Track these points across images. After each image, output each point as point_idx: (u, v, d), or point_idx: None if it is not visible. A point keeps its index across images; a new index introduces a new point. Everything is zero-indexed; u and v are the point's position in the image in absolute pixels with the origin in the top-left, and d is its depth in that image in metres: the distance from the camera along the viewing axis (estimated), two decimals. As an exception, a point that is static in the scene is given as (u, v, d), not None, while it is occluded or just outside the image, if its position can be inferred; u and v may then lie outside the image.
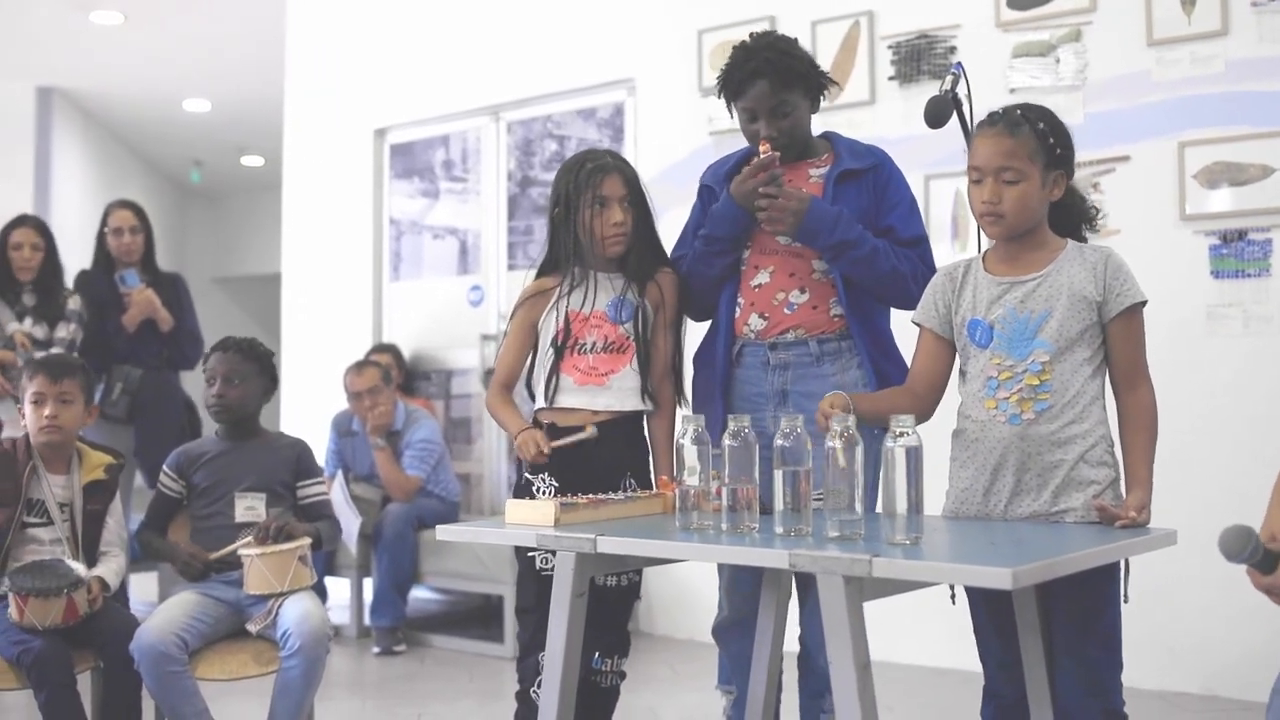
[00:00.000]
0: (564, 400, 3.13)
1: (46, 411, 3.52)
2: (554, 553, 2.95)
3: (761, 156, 3.00)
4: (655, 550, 2.44)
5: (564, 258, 3.17)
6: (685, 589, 5.54)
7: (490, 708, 4.66)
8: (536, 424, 3.15)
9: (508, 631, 5.42)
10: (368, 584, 5.92)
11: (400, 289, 6.89)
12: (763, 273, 3.11)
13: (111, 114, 11.40)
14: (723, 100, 3.22)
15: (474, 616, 6.31)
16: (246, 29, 8.68)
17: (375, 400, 5.80)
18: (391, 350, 6.43)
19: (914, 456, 2.27)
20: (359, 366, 5.92)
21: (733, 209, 3.06)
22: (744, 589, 3.11)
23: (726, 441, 2.47)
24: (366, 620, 5.78)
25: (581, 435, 3.06)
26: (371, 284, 6.95)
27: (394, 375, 6.10)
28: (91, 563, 3.53)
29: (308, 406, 6.61)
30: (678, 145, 5.67)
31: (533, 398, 3.22)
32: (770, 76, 3.03)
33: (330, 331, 6.95)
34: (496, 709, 4.66)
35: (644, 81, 6.01)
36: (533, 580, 3.07)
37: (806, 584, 3.06)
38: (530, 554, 3.06)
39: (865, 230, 3.00)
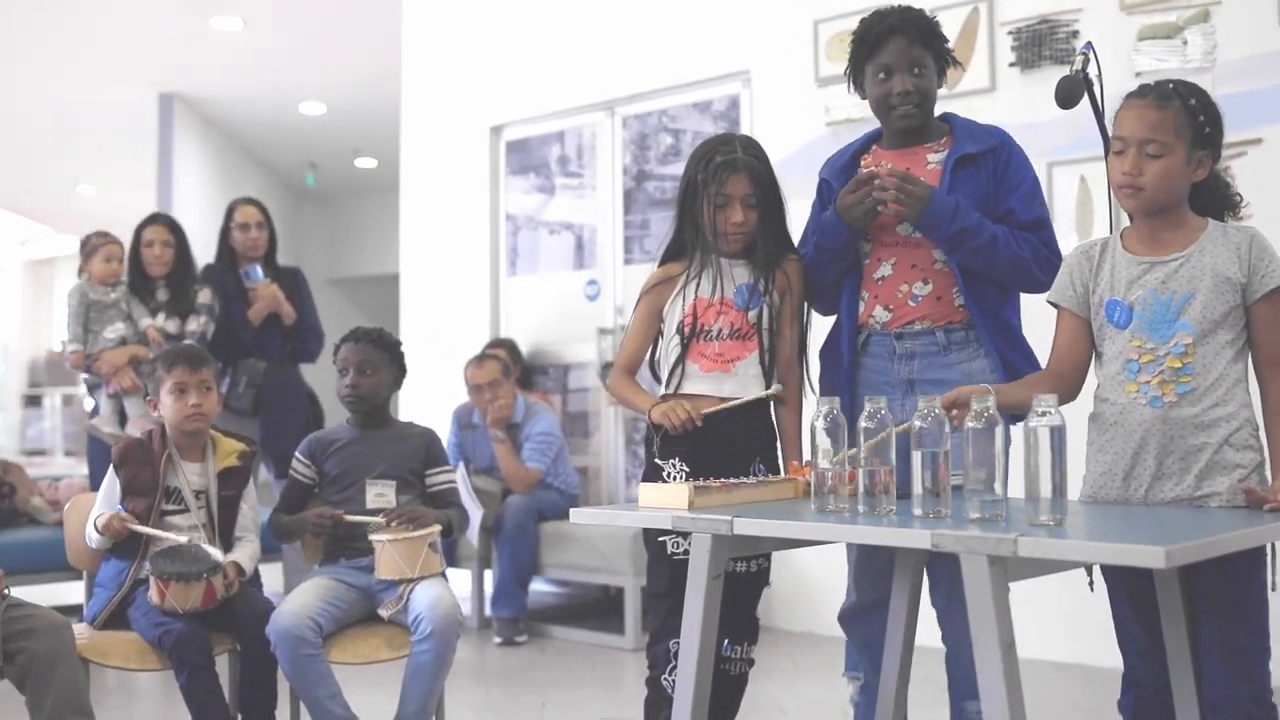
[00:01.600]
0: (690, 387, 3.13)
1: (191, 400, 3.60)
2: (685, 536, 3.00)
3: (862, 172, 3.00)
4: (792, 531, 2.43)
5: (690, 244, 3.17)
6: (805, 581, 5.52)
7: (613, 696, 4.69)
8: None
9: (628, 623, 5.44)
10: (488, 576, 5.98)
11: (517, 284, 6.95)
12: (885, 265, 3.09)
13: (230, 119, 11.64)
14: (849, 75, 3.19)
15: (592, 609, 6.34)
16: (363, 31, 8.81)
17: (495, 393, 5.86)
18: (508, 345, 6.48)
19: (1057, 436, 2.25)
20: (479, 360, 5.98)
21: (836, 221, 3.07)
22: (872, 575, 3.08)
23: (862, 424, 2.46)
24: (488, 611, 5.83)
25: (769, 393, 3.04)
26: (489, 280, 7.01)
27: (512, 369, 6.15)
28: (227, 548, 3.61)
29: (427, 403, 6.69)
30: (794, 137, 5.65)
31: (657, 380, 3.23)
32: (909, 33, 3.03)
33: (448, 328, 7.02)
34: (619, 698, 4.68)
35: (759, 73, 5.99)
36: (664, 565, 3.08)
37: (941, 573, 3.02)
38: (661, 539, 3.07)
39: (983, 218, 2.97)
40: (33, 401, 18.57)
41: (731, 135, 3.26)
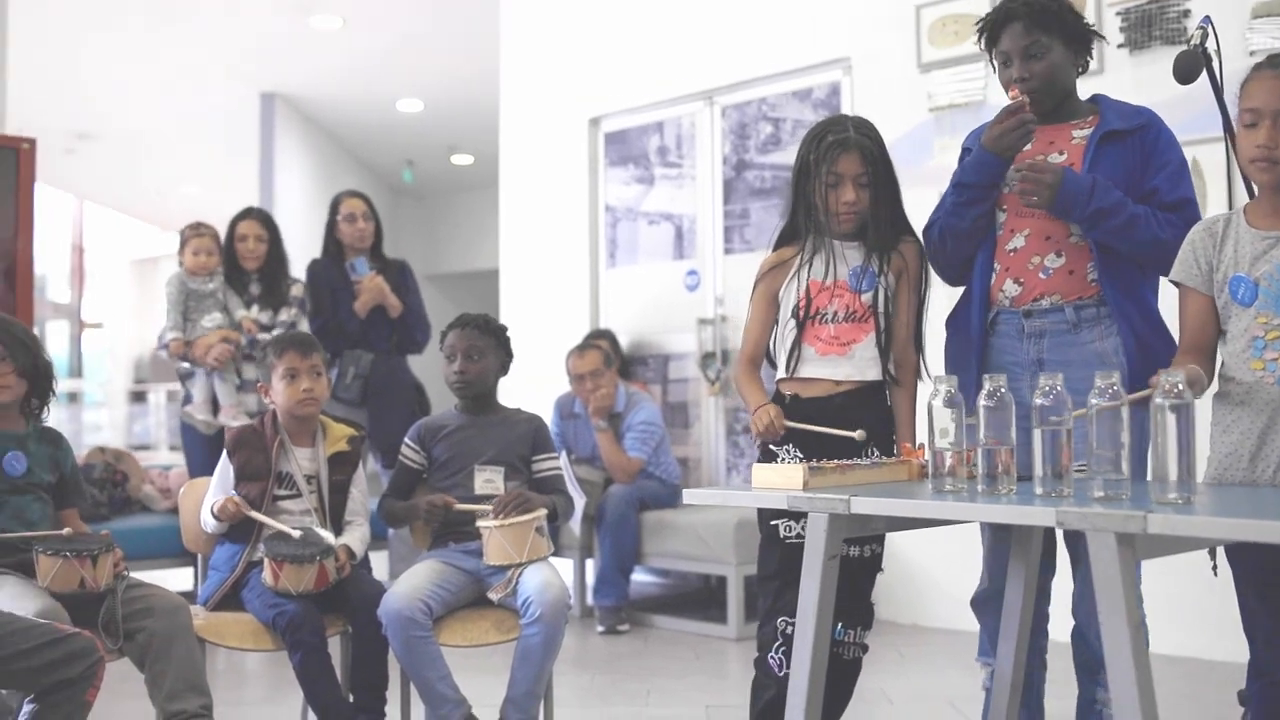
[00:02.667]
0: (806, 370, 3.10)
1: (304, 385, 3.65)
2: (798, 520, 2.98)
3: (1010, 102, 2.94)
4: (910, 510, 2.40)
5: (803, 226, 3.15)
6: (910, 573, 5.47)
7: (717, 685, 4.67)
8: (778, 396, 3.13)
9: (731, 612, 5.43)
10: (589, 565, 5.99)
11: (617, 275, 6.95)
12: (1018, 236, 3.03)
13: (329, 117, 11.80)
14: (987, 55, 3.14)
15: (693, 599, 6.33)
16: (460, 27, 8.88)
17: (597, 383, 5.87)
18: (607, 336, 6.49)
19: (1185, 415, 2.19)
20: (581, 349, 6.00)
21: (983, 154, 2.99)
22: (1003, 559, 3.02)
23: (982, 402, 2.41)
24: (590, 600, 5.85)
25: (853, 435, 2.98)
26: (588, 271, 7.02)
27: (614, 359, 6.16)
28: (337, 532, 3.65)
29: (527, 395, 6.71)
30: (896, 124, 5.58)
31: (774, 366, 3.21)
32: (1024, 18, 2.98)
33: (548, 320, 7.04)
34: (723, 686, 4.67)
35: (860, 60, 5.94)
36: (775, 547, 3.06)
37: (1078, 558, 2.97)
38: (774, 522, 3.05)
39: (1124, 197, 2.89)
40: (138, 397, 18.96)
41: (844, 116, 3.22)
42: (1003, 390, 2.42)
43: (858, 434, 2.91)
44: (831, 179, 3.04)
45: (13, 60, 6.28)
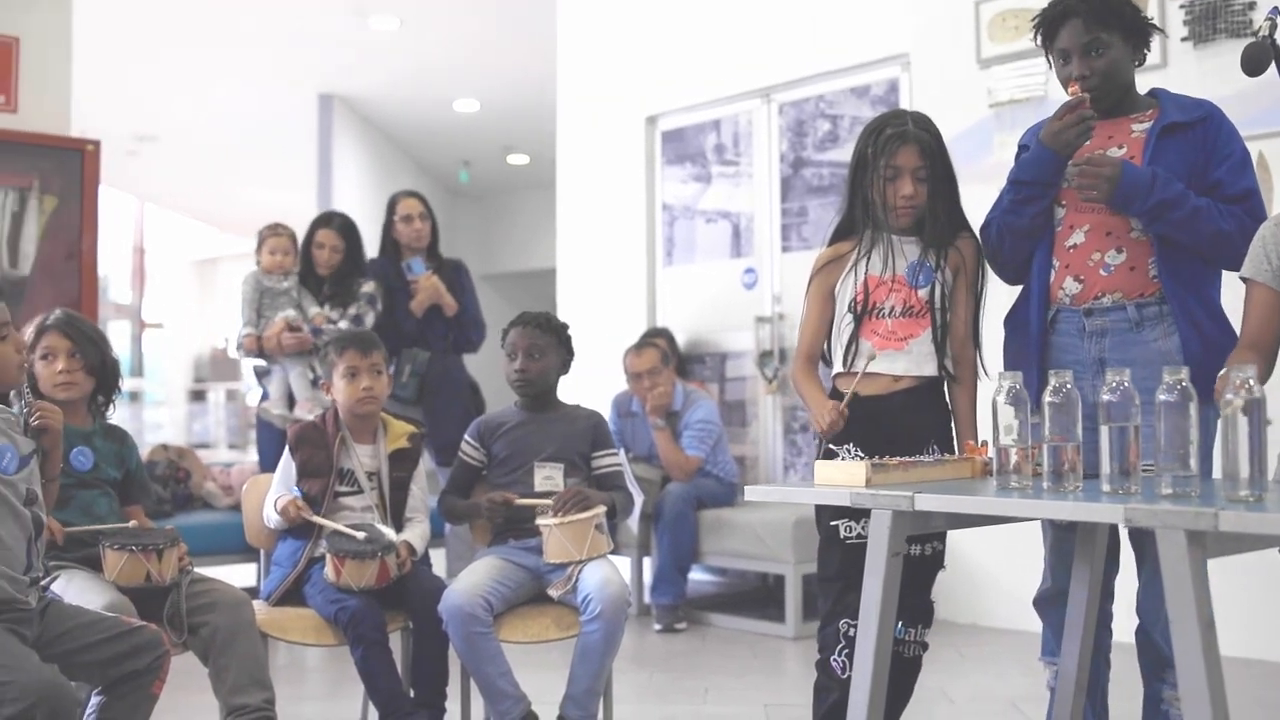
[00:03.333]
0: (863, 365, 3.08)
1: (363, 384, 3.68)
2: (859, 520, 2.96)
3: (1069, 99, 2.90)
4: (974, 507, 2.37)
5: (860, 220, 3.12)
6: (969, 573, 5.43)
7: (775, 684, 4.66)
8: (835, 393, 3.11)
9: (789, 611, 5.41)
10: (647, 563, 5.99)
11: (674, 274, 6.95)
12: (1078, 232, 2.99)
13: (386, 117, 11.86)
14: (1044, 50, 3.10)
15: (751, 597, 6.32)
16: (517, 27, 8.90)
17: (654, 381, 5.88)
18: (665, 334, 6.49)
19: (1256, 410, 2.15)
20: (638, 348, 6.01)
21: (1042, 151, 2.95)
22: (1067, 559, 2.98)
23: (1047, 398, 2.39)
24: (647, 598, 5.85)
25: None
26: (645, 270, 7.03)
27: (671, 357, 6.15)
28: (398, 529, 3.68)
29: (584, 394, 6.71)
30: (956, 120, 5.52)
31: (828, 364, 3.18)
32: (1084, 14, 2.93)
33: (605, 319, 7.05)
34: (781, 685, 4.66)
35: (919, 56, 5.90)
36: (836, 548, 3.04)
37: (1143, 557, 2.93)
38: (834, 522, 3.03)
39: (1186, 189, 2.85)
40: (198, 396, 19.17)
41: (903, 110, 3.20)
42: (1068, 386, 2.39)
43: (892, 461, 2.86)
44: (889, 172, 3.02)
45: (77, 64, 6.36)
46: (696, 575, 6.48)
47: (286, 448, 3.75)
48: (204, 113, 11.60)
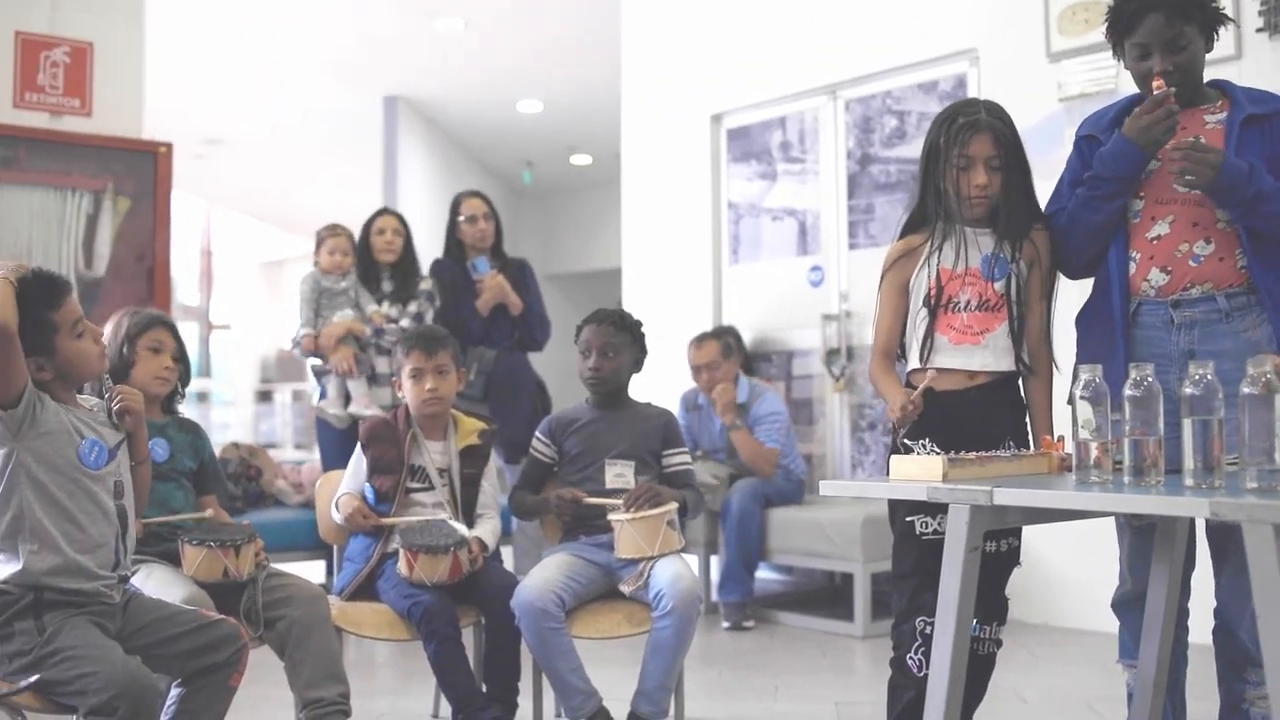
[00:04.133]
0: (939, 360, 3.04)
1: (428, 385, 3.70)
2: (935, 516, 2.94)
3: (1155, 93, 2.85)
4: (1057, 501, 2.34)
5: (933, 212, 3.09)
6: (1041, 573, 5.37)
7: (845, 682, 4.63)
8: (911, 388, 3.08)
9: (857, 610, 5.37)
10: (714, 562, 5.98)
11: (739, 272, 6.93)
12: (1161, 224, 2.93)
13: (450, 119, 11.91)
14: (1110, 43, 3.05)
15: (818, 596, 6.29)
16: (581, 28, 8.92)
17: (714, 375, 5.89)
18: (730, 332, 6.47)
19: (1346, 402, 2.11)
20: (699, 340, 6.02)
21: (1125, 146, 2.90)
22: (1146, 559, 2.93)
23: (1128, 391, 2.36)
24: (714, 596, 5.83)
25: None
26: (711, 268, 7.01)
27: (734, 349, 6.14)
28: (469, 525, 3.70)
29: (649, 392, 6.71)
30: (1025, 115, 5.38)
31: (903, 358, 3.16)
32: (1164, 8, 2.87)
33: (671, 318, 7.03)
34: (851, 683, 4.63)
35: (988, 50, 5.85)
36: (911, 545, 3.01)
37: (1224, 555, 2.89)
38: (909, 518, 3.00)
39: (1276, 182, 2.81)
40: (264, 397, 19.34)
41: (975, 99, 3.16)
42: (1149, 379, 2.36)
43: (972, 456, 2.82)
44: (963, 161, 2.98)
45: (147, 69, 6.44)
46: (762, 574, 6.46)
47: (359, 444, 3.79)
48: (270, 116, 11.71)
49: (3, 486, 2.58)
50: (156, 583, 3.10)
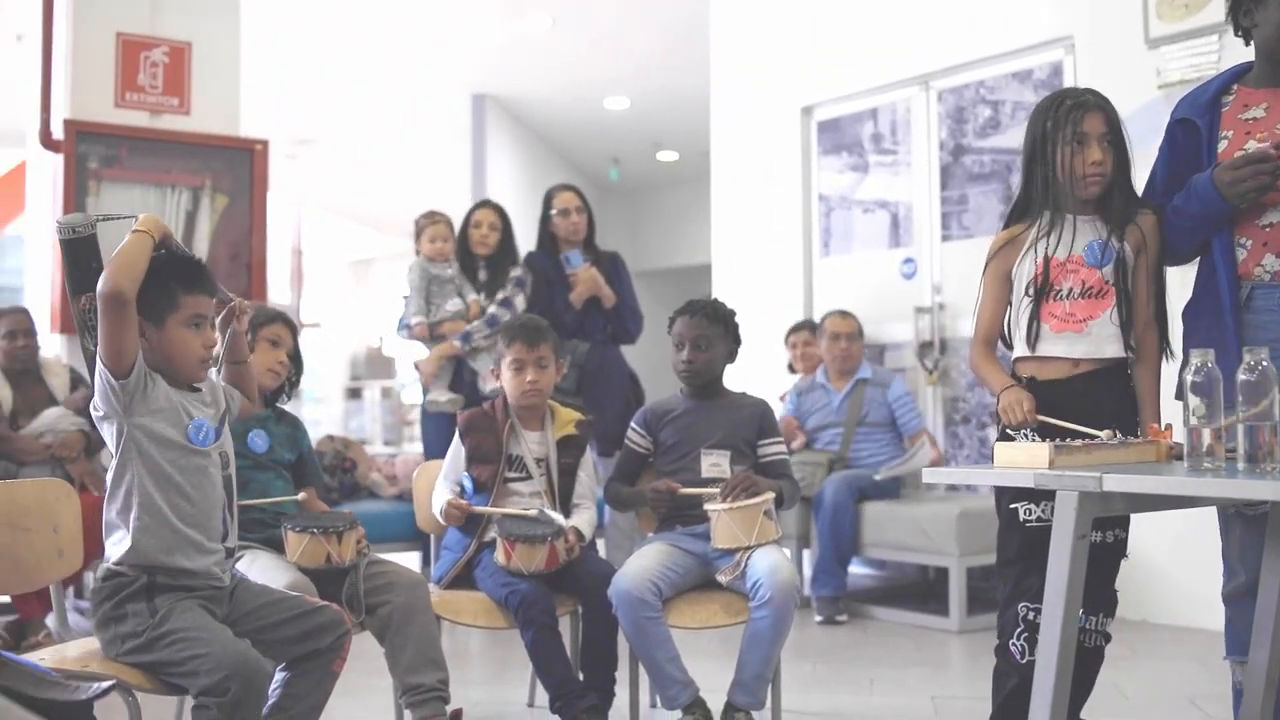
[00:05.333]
0: (1043, 348, 3.00)
1: (528, 377, 3.71)
2: (1039, 503, 2.89)
3: (1256, 150, 2.79)
4: (1166, 488, 2.29)
5: (1038, 200, 3.05)
6: (1139, 567, 5.28)
7: (941, 676, 4.59)
8: (1015, 377, 3.04)
9: (953, 604, 5.32)
10: (806, 555, 5.95)
11: (831, 265, 6.89)
12: (1273, 211, 2.85)
13: (537, 116, 11.97)
14: (1230, 17, 2.99)
15: (911, 590, 6.24)
16: (669, 23, 8.92)
17: (850, 347, 5.99)
18: (809, 326, 6.45)
19: None
20: (842, 313, 6.09)
21: (1211, 193, 2.84)
22: (1256, 551, 2.86)
23: (1241, 376, 2.31)
24: (806, 590, 5.80)
25: (1097, 434, 2.87)
26: (802, 262, 6.98)
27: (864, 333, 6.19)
28: (566, 515, 3.71)
29: (741, 386, 6.70)
30: (1123, 102, 5.27)
31: (1009, 346, 3.12)
32: None
33: (762, 312, 7.01)
34: (947, 678, 4.59)
35: (1084, 37, 5.76)
36: (1015, 532, 2.97)
37: None
38: (1013, 505, 2.97)
39: None
40: (354, 394, 19.57)
41: (1074, 87, 3.13)
42: (1264, 364, 2.31)
43: (1105, 434, 2.78)
44: (1078, 137, 2.93)
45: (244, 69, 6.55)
46: (853, 569, 6.41)
47: (457, 433, 3.81)
48: (360, 116, 11.84)
49: (116, 462, 2.63)
50: (261, 568, 3.14)
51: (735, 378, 3.96)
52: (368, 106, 11.51)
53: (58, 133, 5.91)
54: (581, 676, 3.53)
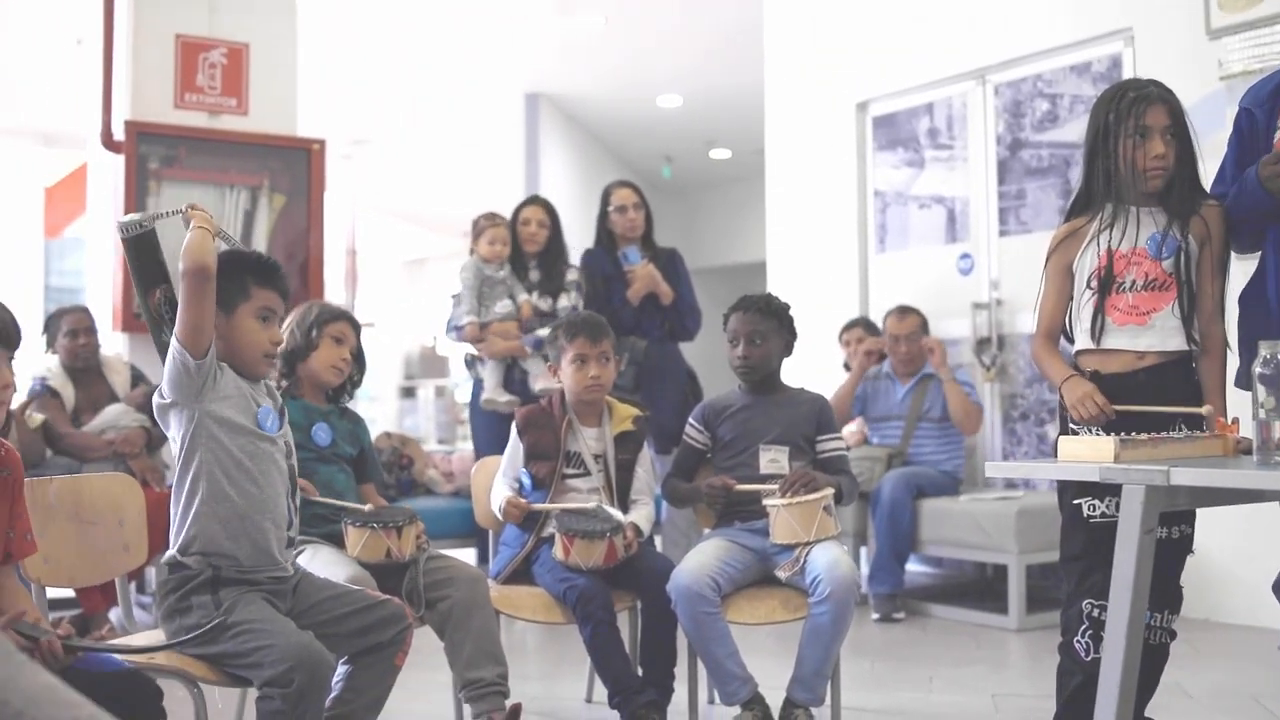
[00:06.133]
0: (1106, 341, 2.97)
1: (591, 372, 3.71)
2: (1102, 499, 2.86)
3: None
4: (1236, 481, 2.27)
5: (1100, 193, 3.01)
6: (1202, 566, 5.21)
7: (1002, 674, 4.55)
8: (1077, 370, 3.01)
9: (1012, 602, 5.27)
10: (863, 553, 5.92)
11: (886, 261, 6.84)
12: None
13: (590, 115, 11.99)
14: None
15: (969, 588, 6.19)
16: (722, 20, 8.89)
17: (911, 346, 5.94)
18: (863, 324, 6.42)
19: None
20: (901, 312, 6.05)
21: (1256, 186, 2.82)
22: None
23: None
24: (863, 588, 5.77)
25: (1197, 411, 2.84)
26: (857, 258, 6.94)
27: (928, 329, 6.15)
28: (624, 511, 3.71)
29: (799, 382, 6.68)
30: (1184, 94, 5.22)
31: (1070, 340, 3.09)
32: None
33: (816, 308, 6.97)
34: (1008, 676, 4.55)
35: (1143, 29, 5.68)
36: (1079, 529, 2.94)
37: None
38: (1076, 501, 2.94)
39: None
40: (408, 393, 19.67)
41: (1136, 78, 3.09)
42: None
43: (1205, 409, 2.74)
44: (1140, 130, 2.90)
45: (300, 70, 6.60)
46: (909, 566, 6.37)
47: (514, 430, 3.82)
48: (413, 116, 11.89)
49: (183, 450, 2.66)
50: (321, 562, 3.16)
51: (789, 376, 3.94)
52: (421, 107, 11.56)
53: (118, 134, 5.97)
54: (640, 672, 3.53)
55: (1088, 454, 2.50)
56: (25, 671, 1.62)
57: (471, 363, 5.72)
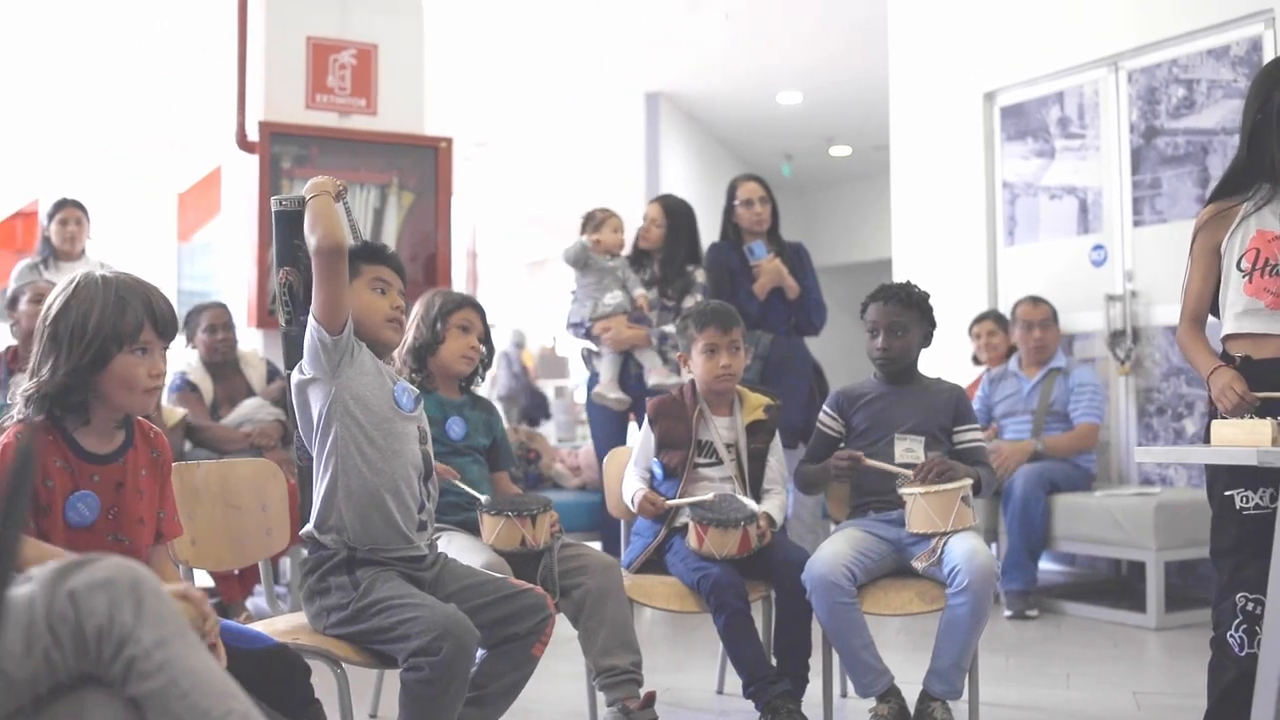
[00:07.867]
0: (1255, 326, 2.89)
1: (721, 361, 3.70)
2: (1256, 490, 2.77)
3: None
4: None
5: (1256, 174, 2.92)
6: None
7: (1140, 674, 4.44)
8: (1226, 357, 2.92)
9: (1150, 600, 5.14)
10: (994, 548, 5.82)
11: (1016, 253, 6.72)
12: None
13: (709, 113, 11.97)
14: None
15: (1103, 586, 6.05)
16: (842, 15, 8.82)
17: (1044, 333, 5.88)
18: (993, 316, 6.31)
19: None
20: (1034, 300, 5.97)
21: None
22: None
23: None
24: (996, 584, 5.67)
25: None
26: (986, 251, 6.82)
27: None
28: (757, 500, 3.68)
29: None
30: None
31: (1218, 317, 3.00)
32: None
33: (945, 303, 6.85)
34: (1147, 675, 4.44)
35: (1286, 11, 5.52)
36: (1231, 521, 2.85)
37: None
38: (1229, 492, 2.84)
39: None
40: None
41: None
42: None
43: None
44: None
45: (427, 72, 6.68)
46: (1041, 564, 6.25)
47: (646, 420, 3.82)
48: (535, 117, 11.97)
49: (320, 428, 2.71)
50: (457, 549, 3.18)
51: (921, 370, 3.88)
52: (541, 107, 11.64)
53: (253, 135, 6.10)
54: (775, 662, 3.51)
55: (1243, 438, 2.43)
56: (199, 653, 1.66)
57: (589, 357, 5.73)
